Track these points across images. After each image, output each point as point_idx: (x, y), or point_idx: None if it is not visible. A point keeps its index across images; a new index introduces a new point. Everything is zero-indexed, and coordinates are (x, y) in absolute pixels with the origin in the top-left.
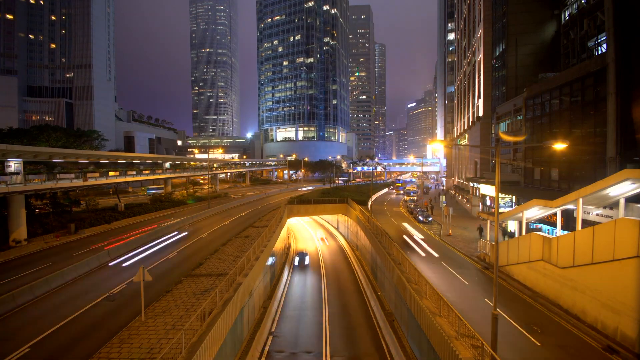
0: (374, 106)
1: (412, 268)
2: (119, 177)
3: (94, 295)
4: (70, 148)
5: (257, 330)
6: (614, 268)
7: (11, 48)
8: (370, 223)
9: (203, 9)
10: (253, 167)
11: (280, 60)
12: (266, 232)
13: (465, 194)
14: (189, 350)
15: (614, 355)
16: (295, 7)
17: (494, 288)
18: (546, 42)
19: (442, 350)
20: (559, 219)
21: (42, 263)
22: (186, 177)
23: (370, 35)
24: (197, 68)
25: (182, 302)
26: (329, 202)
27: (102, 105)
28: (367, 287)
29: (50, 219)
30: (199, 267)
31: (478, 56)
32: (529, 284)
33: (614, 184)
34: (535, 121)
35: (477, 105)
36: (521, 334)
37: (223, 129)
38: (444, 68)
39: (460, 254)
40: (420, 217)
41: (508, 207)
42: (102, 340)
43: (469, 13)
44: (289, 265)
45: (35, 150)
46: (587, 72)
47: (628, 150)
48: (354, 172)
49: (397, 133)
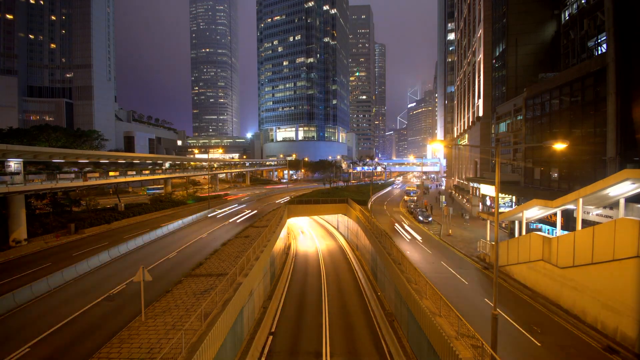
0: (374, 106)
1: (411, 268)
2: (119, 177)
3: (94, 295)
4: (70, 148)
5: (257, 330)
6: (614, 268)
7: (11, 48)
8: (370, 223)
9: (203, 9)
10: (253, 167)
11: (280, 60)
12: (266, 232)
13: (465, 194)
14: (189, 350)
15: (614, 355)
16: (295, 7)
17: (494, 288)
18: (546, 42)
19: (442, 350)
20: (559, 219)
21: (42, 263)
22: (186, 177)
23: (370, 35)
24: (197, 68)
25: (182, 302)
26: (329, 202)
27: (102, 105)
28: (367, 287)
29: (50, 219)
30: (199, 267)
31: (478, 56)
32: (529, 284)
33: (614, 184)
34: (535, 121)
35: (477, 105)
36: (521, 334)
37: (223, 129)
38: (444, 68)
39: (460, 253)
40: (420, 217)
41: (508, 207)
42: (102, 340)
43: (469, 13)
44: (289, 265)
45: (35, 150)
46: (587, 72)
47: (628, 150)
48: (354, 172)
49: (397, 133)
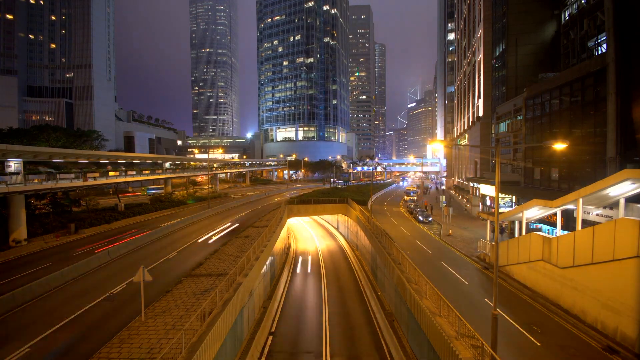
0: (374, 106)
1: (412, 268)
2: (119, 177)
3: (94, 295)
4: (70, 148)
5: (257, 330)
6: (614, 268)
7: (11, 48)
8: (370, 223)
9: (203, 9)
10: (253, 167)
11: (280, 60)
12: (266, 232)
13: (465, 194)
14: (189, 350)
15: (614, 355)
16: (295, 7)
17: (494, 288)
18: (546, 42)
19: (442, 350)
20: (559, 219)
21: (42, 263)
22: (186, 177)
23: (370, 35)
24: (197, 68)
25: (182, 302)
26: (329, 202)
27: (102, 105)
28: (367, 287)
29: (50, 219)
30: (199, 267)
31: (478, 56)
32: (529, 284)
33: (614, 184)
34: (535, 121)
35: (477, 105)
36: (521, 334)
37: (223, 129)
38: (444, 68)
39: (460, 253)
40: (420, 217)
41: (508, 207)
42: (102, 340)
43: (469, 13)
44: (289, 265)
45: (35, 150)
46: (587, 72)
47: (628, 150)
48: (354, 172)
49: (397, 133)
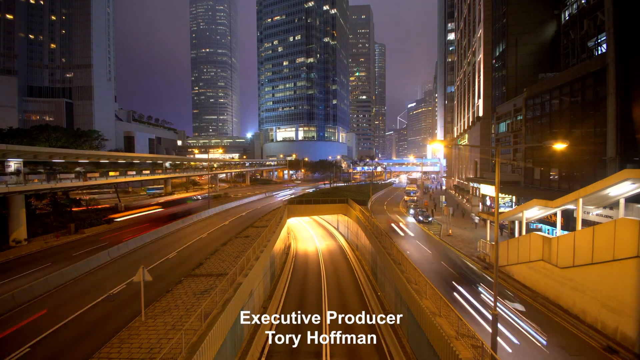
0: (374, 106)
1: (412, 268)
2: (119, 177)
3: (94, 295)
4: (70, 148)
5: (257, 331)
6: (614, 268)
7: (11, 48)
8: (371, 223)
9: (203, 9)
10: (253, 167)
11: (280, 60)
12: (266, 232)
13: (465, 194)
14: (189, 350)
15: (614, 355)
16: (295, 7)
17: (494, 288)
18: (546, 42)
19: (442, 350)
20: (559, 219)
21: (42, 263)
22: (186, 177)
23: (370, 35)
24: (197, 68)
25: (182, 302)
26: (329, 202)
27: (102, 105)
28: (367, 287)
29: (50, 219)
30: (199, 267)
31: (478, 56)
32: (528, 284)
33: (614, 184)
34: (535, 121)
35: (477, 105)
36: (521, 334)
37: (223, 129)
38: (444, 68)
39: (460, 253)
40: (420, 217)
41: (508, 207)
42: (102, 340)
43: (469, 13)
44: (289, 265)
45: (35, 150)
46: (587, 72)
47: (628, 150)
48: (354, 172)
49: (397, 133)
